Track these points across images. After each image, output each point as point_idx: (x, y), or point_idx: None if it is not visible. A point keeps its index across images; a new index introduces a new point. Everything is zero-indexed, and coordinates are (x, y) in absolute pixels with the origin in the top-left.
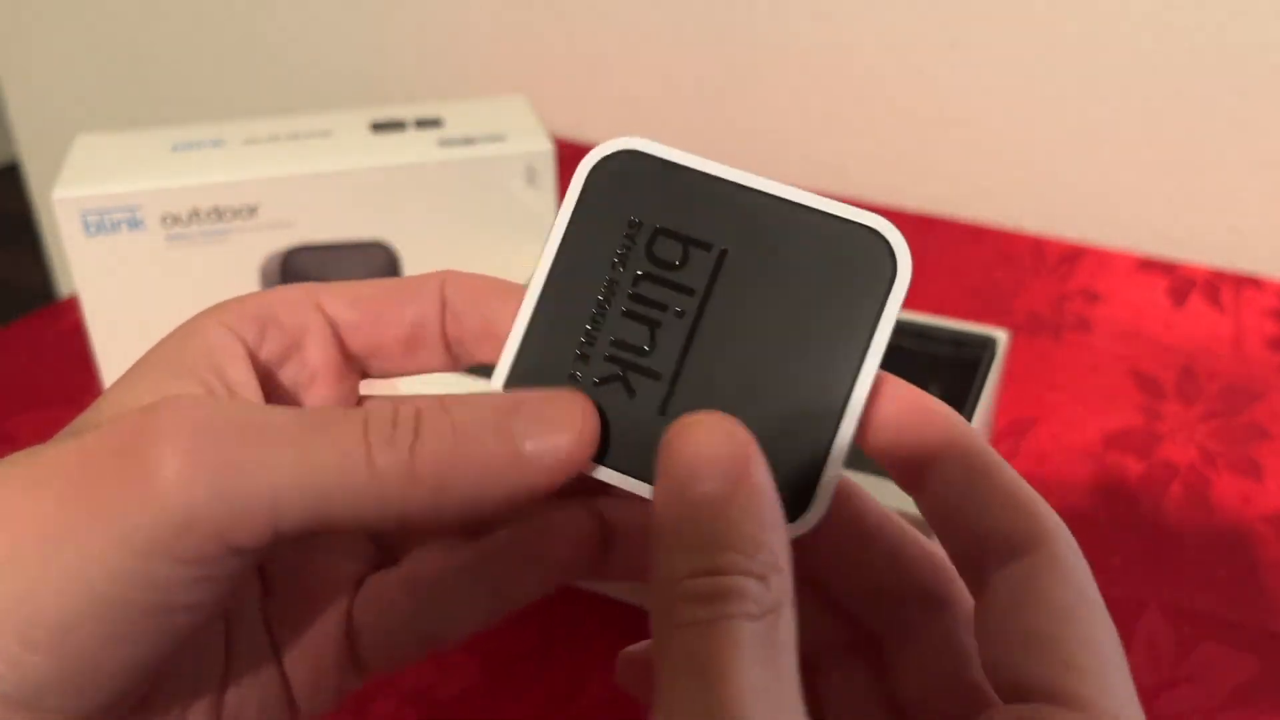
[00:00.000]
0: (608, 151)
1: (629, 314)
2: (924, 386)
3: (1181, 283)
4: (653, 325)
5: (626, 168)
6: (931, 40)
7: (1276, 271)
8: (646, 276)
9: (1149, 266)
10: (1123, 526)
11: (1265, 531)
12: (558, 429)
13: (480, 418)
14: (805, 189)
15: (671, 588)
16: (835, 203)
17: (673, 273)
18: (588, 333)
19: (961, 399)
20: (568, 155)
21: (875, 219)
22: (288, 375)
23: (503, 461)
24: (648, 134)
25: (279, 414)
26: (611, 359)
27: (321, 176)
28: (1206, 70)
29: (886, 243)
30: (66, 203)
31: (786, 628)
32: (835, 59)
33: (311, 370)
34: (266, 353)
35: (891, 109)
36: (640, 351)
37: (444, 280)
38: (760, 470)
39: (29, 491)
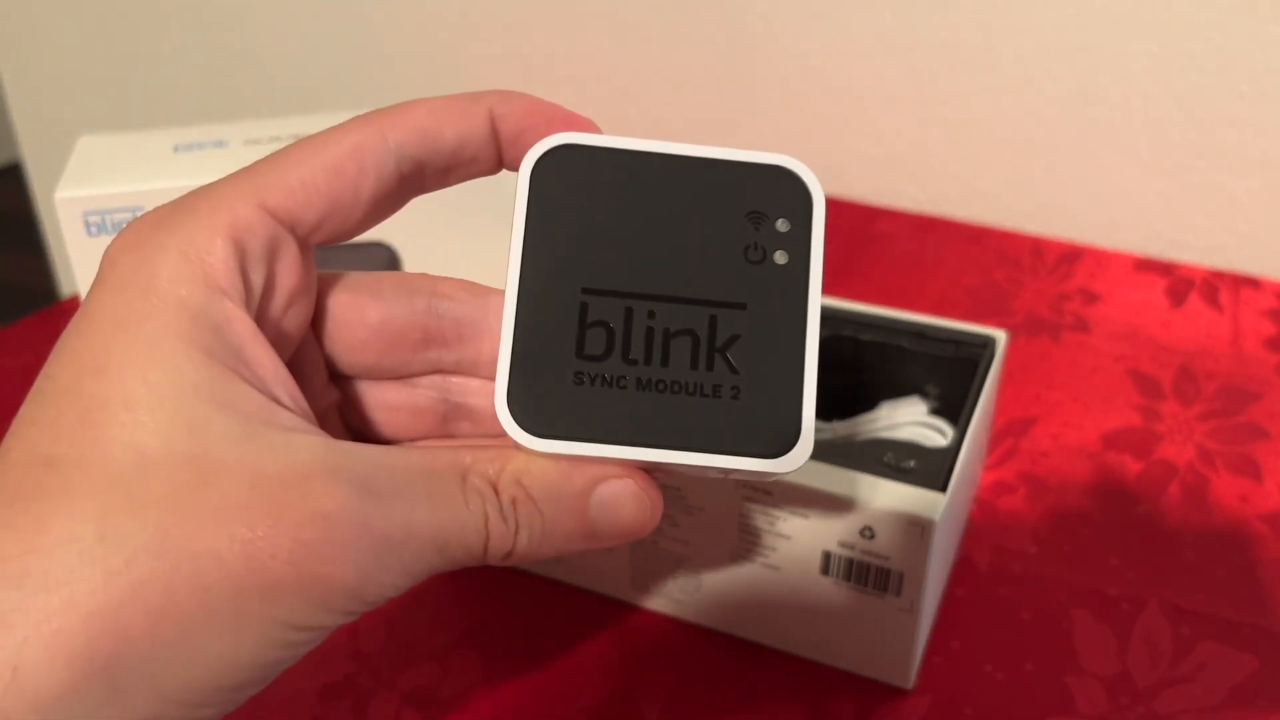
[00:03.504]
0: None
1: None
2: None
3: (1180, 283)
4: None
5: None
6: (930, 40)
7: (1274, 272)
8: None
9: (1147, 267)
10: (1121, 526)
11: (1263, 531)
12: (625, 513)
13: (560, 505)
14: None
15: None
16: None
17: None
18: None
19: (960, 399)
20: None
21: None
22: (266, 305)
23: (579, 536)
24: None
25: (403, 478)
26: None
27: None
28: (1205, 71)
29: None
30: (69, 203)
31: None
32: (834, 59)
33: (286, 291)
34: (248, 286)
35: (891, 109)
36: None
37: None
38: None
39: (194, 579)
